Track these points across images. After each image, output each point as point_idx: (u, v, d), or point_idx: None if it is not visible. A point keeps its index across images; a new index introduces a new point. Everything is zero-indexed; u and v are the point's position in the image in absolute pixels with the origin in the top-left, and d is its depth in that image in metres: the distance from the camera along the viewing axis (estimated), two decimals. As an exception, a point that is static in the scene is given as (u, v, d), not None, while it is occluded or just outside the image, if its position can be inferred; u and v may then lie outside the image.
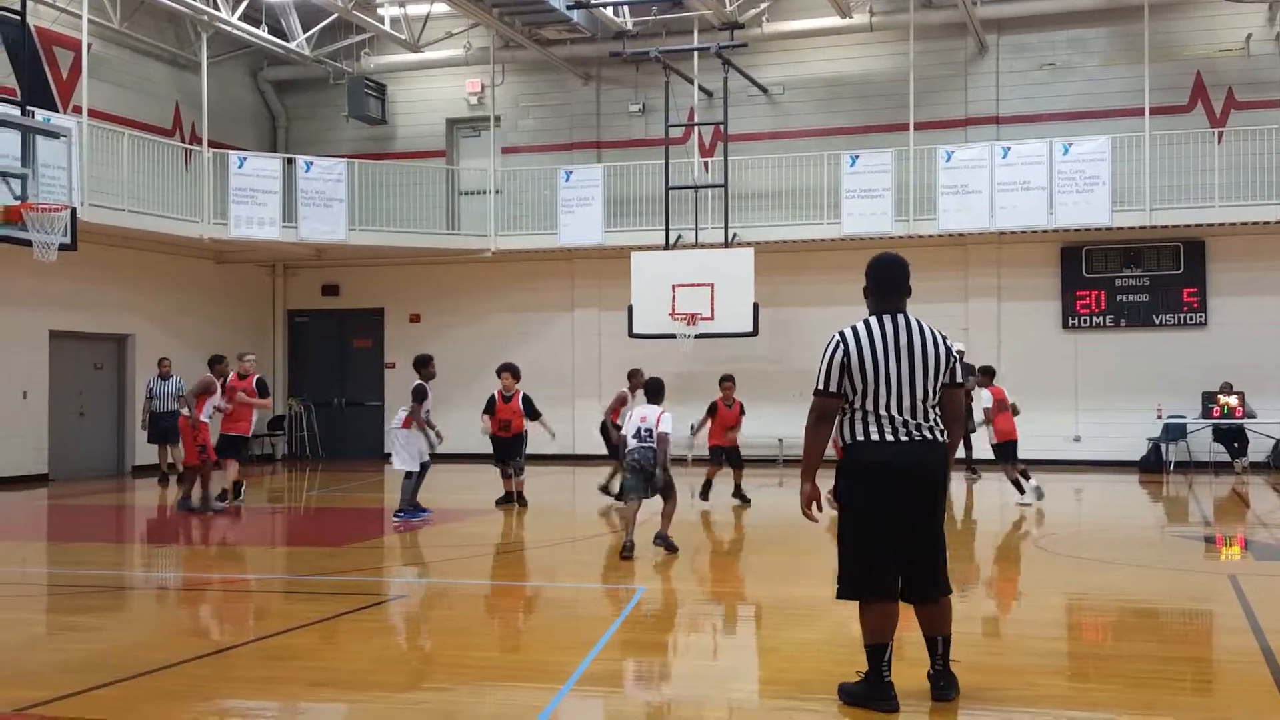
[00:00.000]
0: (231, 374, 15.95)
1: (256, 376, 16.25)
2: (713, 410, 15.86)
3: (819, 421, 5.92)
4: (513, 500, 15.41)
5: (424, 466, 14.42)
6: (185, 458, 15.52)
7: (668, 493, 11.63)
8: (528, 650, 7.55)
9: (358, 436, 25.51)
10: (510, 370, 15.49)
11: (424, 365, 14.63)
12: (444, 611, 9.33)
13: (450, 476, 14.92)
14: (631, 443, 11.56)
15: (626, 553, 11.11)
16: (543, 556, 11.97)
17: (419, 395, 14.29)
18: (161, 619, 9.16)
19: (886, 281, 6.03)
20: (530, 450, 15.67)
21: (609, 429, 15.31)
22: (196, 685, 6.69)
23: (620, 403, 15.46)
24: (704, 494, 15.88)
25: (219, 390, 15.39)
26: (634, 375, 15.56)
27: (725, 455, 15.95)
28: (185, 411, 15.29)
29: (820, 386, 5.90)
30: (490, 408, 15.40)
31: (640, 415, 11.66)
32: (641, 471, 11.51)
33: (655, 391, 12.00)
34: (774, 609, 9.25)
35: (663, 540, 11.52)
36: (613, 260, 22.94)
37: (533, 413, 15.39)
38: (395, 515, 14.22)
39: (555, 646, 7.58)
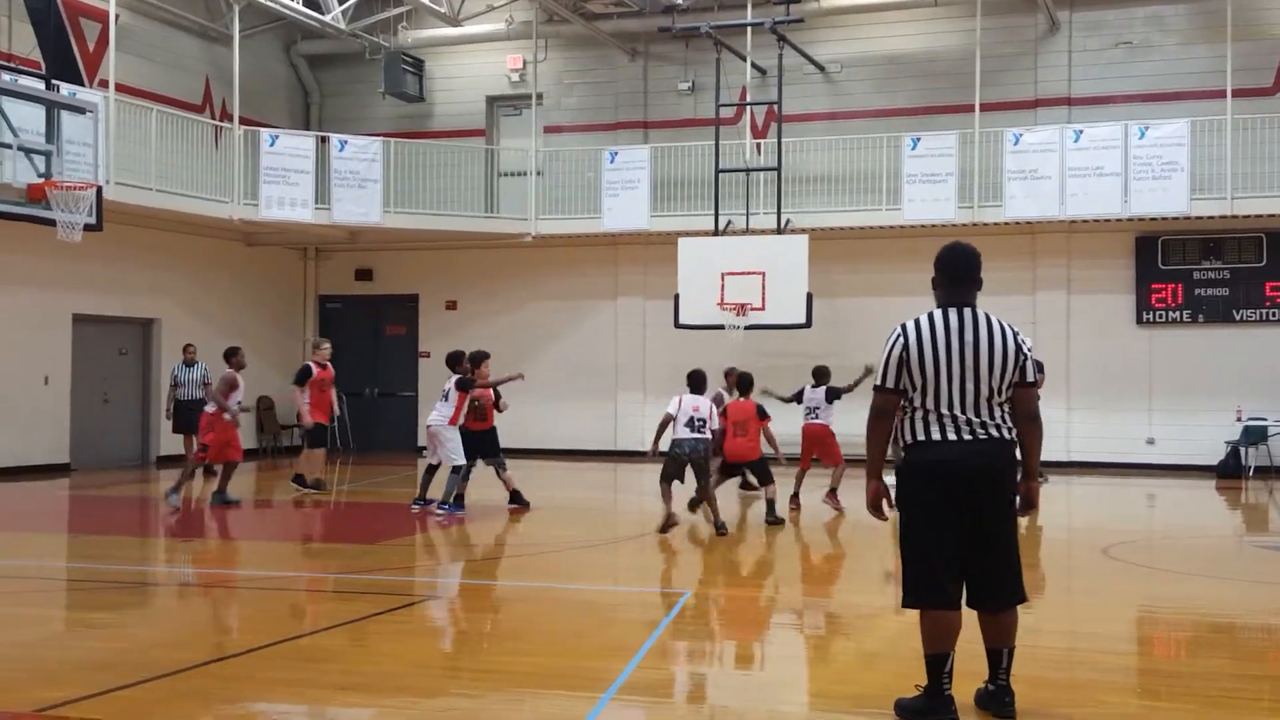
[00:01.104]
0: (313, 364, 16.70)
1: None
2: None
3: (877, 418, 5.91)
4: (519, 501, 14.87)
5: (454, 466, 14.53)
6: (198, 453, 15.95)
7: (709, 486, 11.87)
8: (567, 656, 7.55)
9: (390, 428, 25.62)
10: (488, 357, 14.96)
11: (458, 361, 14.81)
12: (478, 614, 9.35)
13: (486, 473, 14.95)
14: (684, 432, 11.74)
15: (666, 528, 11.88)
16: (583, 557, 11.98)
17: (467, 386, 14.46)
18: (185, 617, 9.24)
19: (956, 273, 5.97)
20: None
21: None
22: (220, 687, 6.74)
23: (717, 402, 15.49)
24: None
25: (240, 385, 15.72)
26: (730, 374, 15.97)
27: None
28: (209, 408, 15.60)
29: (878, 382, 5.89)
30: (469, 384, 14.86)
31: (692, 405, 11.84)
32: (690, 463, 11.70)
33: (700, 382, 12.13)
34: (828, 617, 9.20)
35: (721, 528, 12.15)
36: (659, 246, 22.90)
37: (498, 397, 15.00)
38: (439, 507, 14.31)
39: (596, 652, 7.57)
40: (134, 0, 21.43)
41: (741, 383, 14.20)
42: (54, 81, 16.11)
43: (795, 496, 15.06)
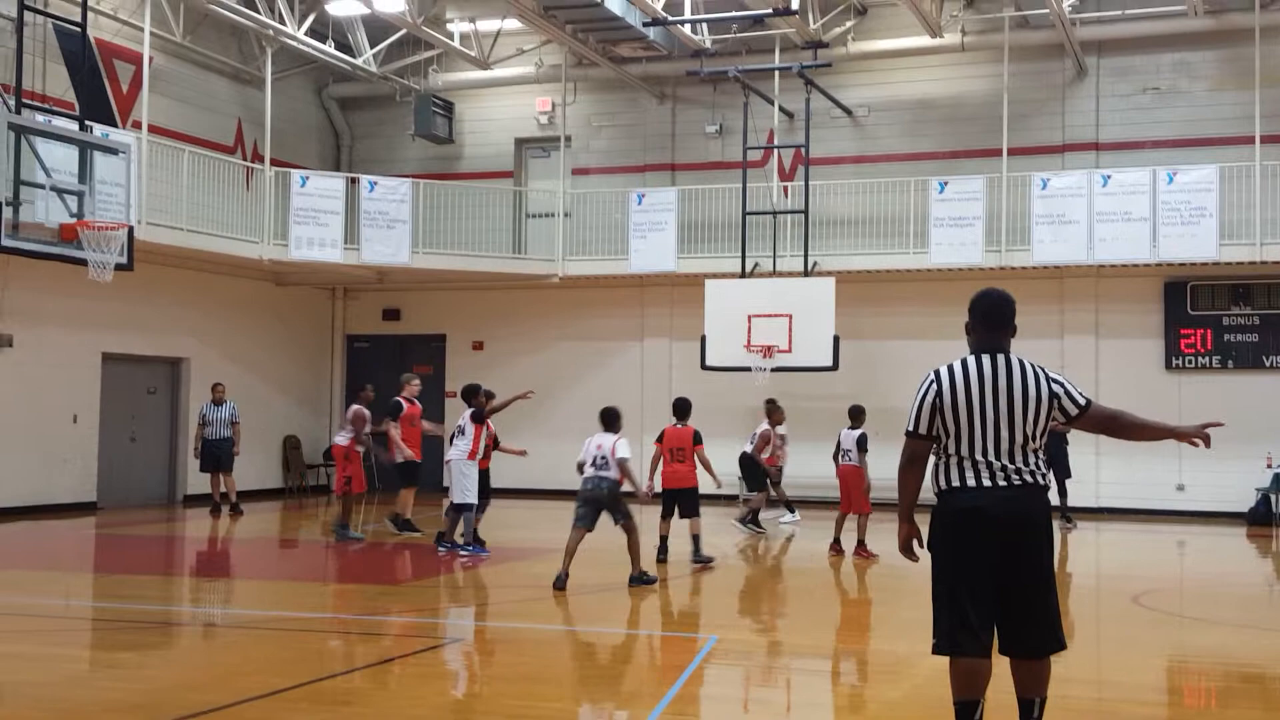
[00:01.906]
0: (403, 399, 16.68)
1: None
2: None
3: (909, 464, 5.89)
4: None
5: (467, 505, 14.49)
6: (342, 485, 16.08)
7: (629, 525, 11.81)
8: (591, 700, 7.49)
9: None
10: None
11: (474, 395, 14.82)
12: (503, 657, 9.31)
13: (510, 513, 14.94)
14: (588, 471, 11.74)
15: (559, 584, 11.50)
16: (609, 600, 11.91)
17: (478, 418, 14.53)
18: (209, 658, 9.23)
19: (991, 319, 5.96)
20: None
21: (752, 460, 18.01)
22: (244, 729, 6.71)
23: (764, 441, 18.00)
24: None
25: (368, 417, 16.18)
26: (773, 410, 18.39)
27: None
28: (341, 440, 16.06)
29: (910, 428, 5.86)
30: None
31: (596, 444, 11.86)
32: (595, 502, 11.70)
33: (612, 419, 12.16)
34: (855, 663, 9.13)
35: (641, 579, 11.95)
36: (685, 288, 22.92)
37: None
38: (461, 550, 14.27)
39: (623, 697, 7.52)
40: (167, 43, 21.66)
41: (678, 409, 14.47)
42: (87, 122, 16.29)
43: (836, 542, 14.95)
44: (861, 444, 14.72)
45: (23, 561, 14.71)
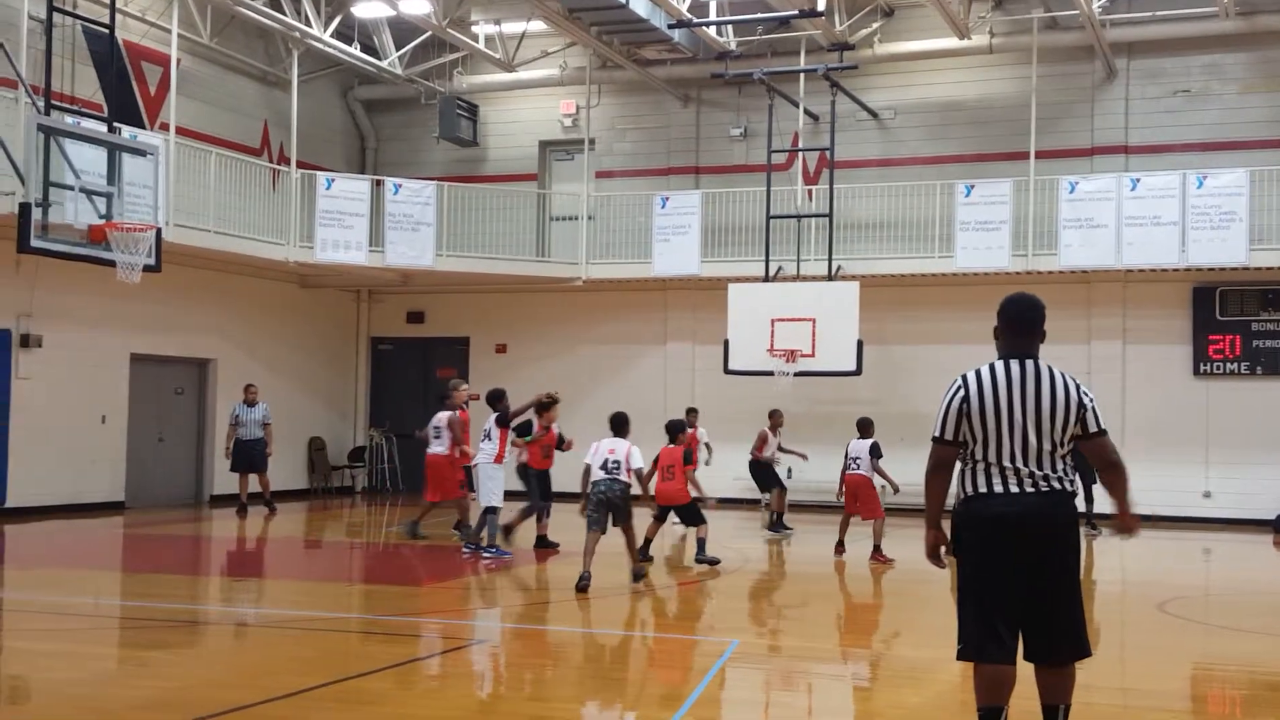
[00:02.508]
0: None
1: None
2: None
3: (936, 470, 5.91)
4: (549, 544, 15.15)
5: (494, 509, 14.58)
6: (446, 493, 15.80)
7: (629, 527, 12.05)
8: (614, 703, 7.55)
9: (440, 470, 25.66)
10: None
11: (499, 399, 14.84)
12: (526, 659, 9.38)
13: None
14: (598, 474, 11.97)
15: (582, 585, 11.65)
16: (630, 603, 11.98)
17: (503, 421, 14.58)
18: (236, 657, 9.32)
19: (1019, 324, 5.97)
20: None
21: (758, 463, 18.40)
22: (271, 728, 6.80)
23: (761, 441, 18.34)
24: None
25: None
26: (774, 415, 18.72)
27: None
28: (435, 450, 15.62)
29: (937, 433, 5.88)
30: (527, 433, 15.38)
31: (608, 448, 12.07)
32: (607, 504, 11.87)
33: (621, 425, 12.40)
34: (877, 668, 9.15)
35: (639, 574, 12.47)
36: (709, 292, 22.97)
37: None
38: (485, 552, 14.36)
39: (644, 700, 7.58)
40: (195, 45, 21.83)
41: (670, 429, 14.66)
42: (115, 124, 16.43)
43: (840, 544, 15.15)
44: (875, 452, 14.84)
45: (53, 560, 14.86)
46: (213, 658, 9.24)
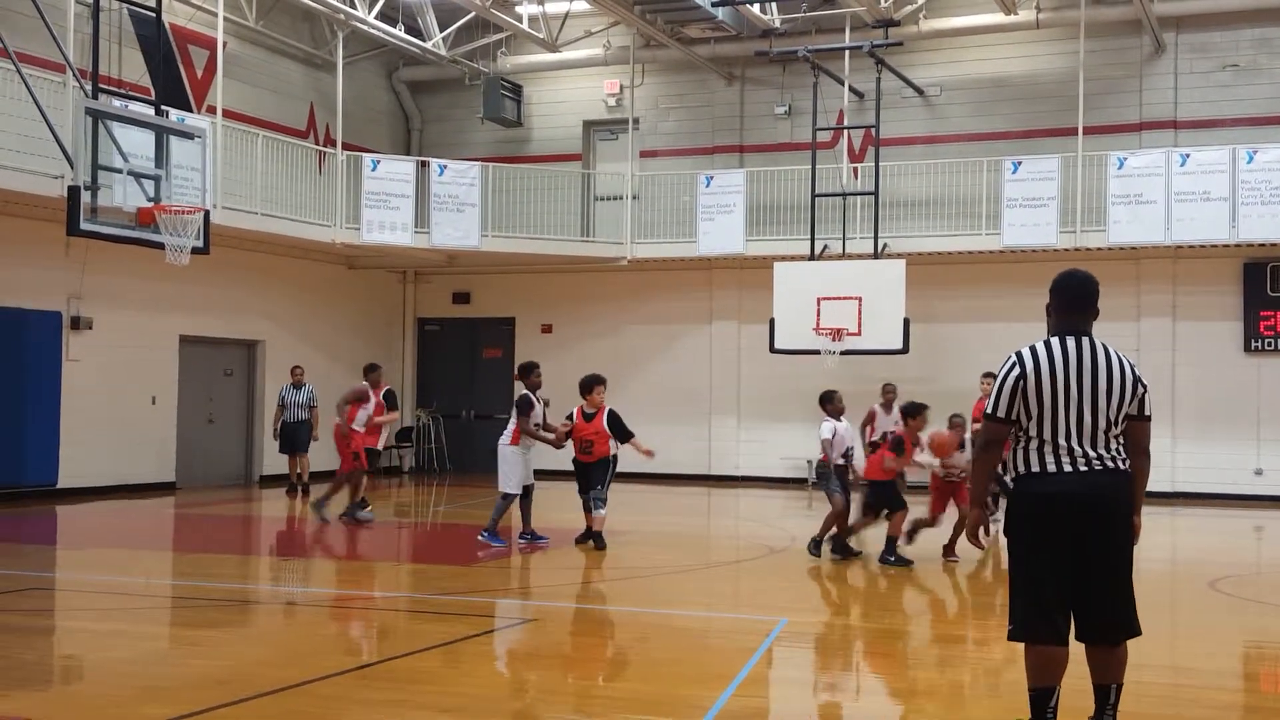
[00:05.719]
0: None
1: (386, 388, 16.76)
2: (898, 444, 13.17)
3: (986, 447, 5.86)
4: (589, 539, 13.76)
5: (527, 490, 14.09)
6: (342, 465, 16.18)
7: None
8: (661, 682, 7.54)
9: (486, 451, 25.51)
10: (602, 383, 13.83)
11: (528, 374, 14.20)
12: (573, 638, 9.39)
13: (566, 496, 14.97)
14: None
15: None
16: (677, 582, 11.96)
17: (524, 407, 13.92)
18: (287, 636, 9.38)
19: (1073, 301, 5.89)
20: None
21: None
22: (322, 706, 6.84)
23: (870, 419, 16.13)
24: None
25: (371, 399, 16.07)
26: (887, 390, 16.44)
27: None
28: (338, 419, 16.02)
29: (990, 410, 5.81)
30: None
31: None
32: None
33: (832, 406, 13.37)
34: (927, 647, 9.09)
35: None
36: (754, 270, 22.88)
37: (623, 434, 13.65)
38: (522, 538, 14.15)
39: (691, 679, 7.56)
40: (241, 28, 21.93)
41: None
42: (163, 107, 16.52)
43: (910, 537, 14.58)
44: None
45: (105, 540, 15.03)
46: (263, 636, 9.31)
